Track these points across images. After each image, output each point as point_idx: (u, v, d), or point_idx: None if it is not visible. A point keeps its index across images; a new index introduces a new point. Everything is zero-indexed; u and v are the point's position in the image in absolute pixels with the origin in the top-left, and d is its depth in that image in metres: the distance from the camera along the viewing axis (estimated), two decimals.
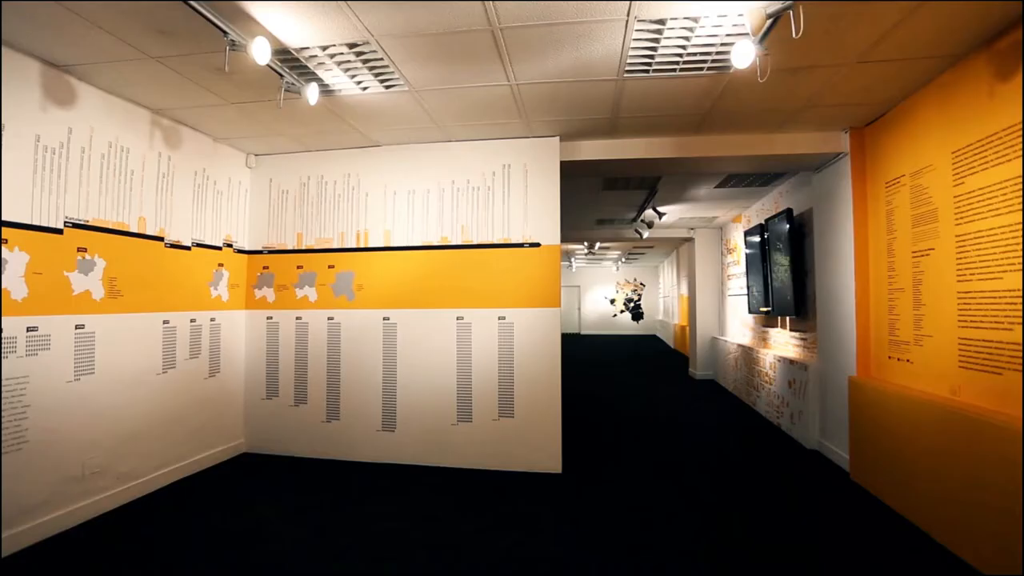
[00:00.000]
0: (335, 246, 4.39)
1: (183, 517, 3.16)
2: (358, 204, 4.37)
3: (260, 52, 2.46)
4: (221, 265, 4.25)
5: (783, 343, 5.94)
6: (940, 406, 2.85)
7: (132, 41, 2.63)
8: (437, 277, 4.22)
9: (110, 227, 3.28)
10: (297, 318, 4.41)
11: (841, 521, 3.11)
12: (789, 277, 5.21)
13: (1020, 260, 2.45)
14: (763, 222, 6.03)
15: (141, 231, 3.51)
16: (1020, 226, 2.45)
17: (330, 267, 4.38)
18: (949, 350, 2.96)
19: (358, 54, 2.81)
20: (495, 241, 4.15)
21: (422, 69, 2.97)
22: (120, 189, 3.36)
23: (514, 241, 4.12)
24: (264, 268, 4.50)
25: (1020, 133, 2.44)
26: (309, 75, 3.04)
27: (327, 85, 3.18)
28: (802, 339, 5.36)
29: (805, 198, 5.12)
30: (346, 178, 4.40)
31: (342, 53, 2.79)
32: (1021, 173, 2.44)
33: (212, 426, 4.12)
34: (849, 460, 3.85)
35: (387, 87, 3.21)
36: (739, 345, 7.07)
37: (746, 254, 6.73)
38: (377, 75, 3.06)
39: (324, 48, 2.74)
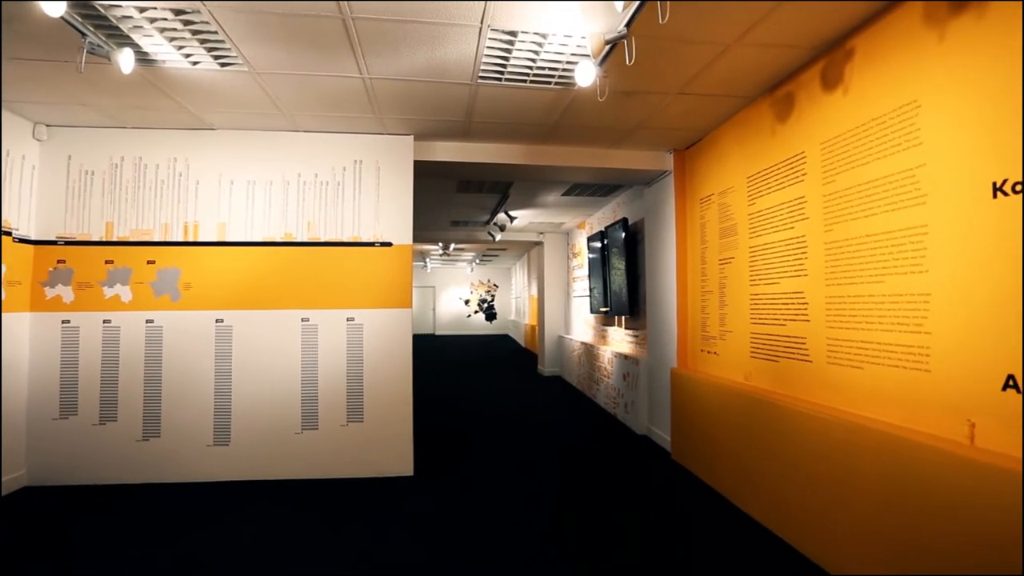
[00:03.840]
0: (157, 239, 3.85)
1: None
2: (187, 192, 3.89)
3: (50, 1, 2.07)
4: None
5: (619, 340, 6.57)
6: (735, 390, 3.38)
7: None
8: (280, 276, 3.92)
9: None
10: (105, 321, 3.77)
11: (661, 497, 3.53)
12: (624, 280, 5.77)
13: (791, 268, 3.01)
14: (603, 229, 6.61)
15: None
16: (792, 241, 3.01)
17: (150, 263, 3.83)
18: (744, 343, 3.52)
19: (186, 23, 2.50)
20: (344, 239, 3.98)
21: (265, 50, 2.75)
22: None
23: (365, 240, 3.99)
24: (59, 262, 3.78)
25: (791, 167, 3.01)
26: (122, 38, 2.63)
27: (146, 53, 2.78)
28: (635, 336, 5.98)
29: (639, 209, 5.72)
30: (172, 162, 3.88)
31: (165, 19, 2.47)
32: (791, 199, 3.00)
33: None
34: (671, 442, 4.39)
35: (223, 65, 2.91)
36: (582, 343, 7.64)
37: (589, 258, 7.32)
38: (210, 50, 2.75)
39: (141, 10, 2.40)
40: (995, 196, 1.87)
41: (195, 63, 2.89)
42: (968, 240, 1.97)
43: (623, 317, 6.28)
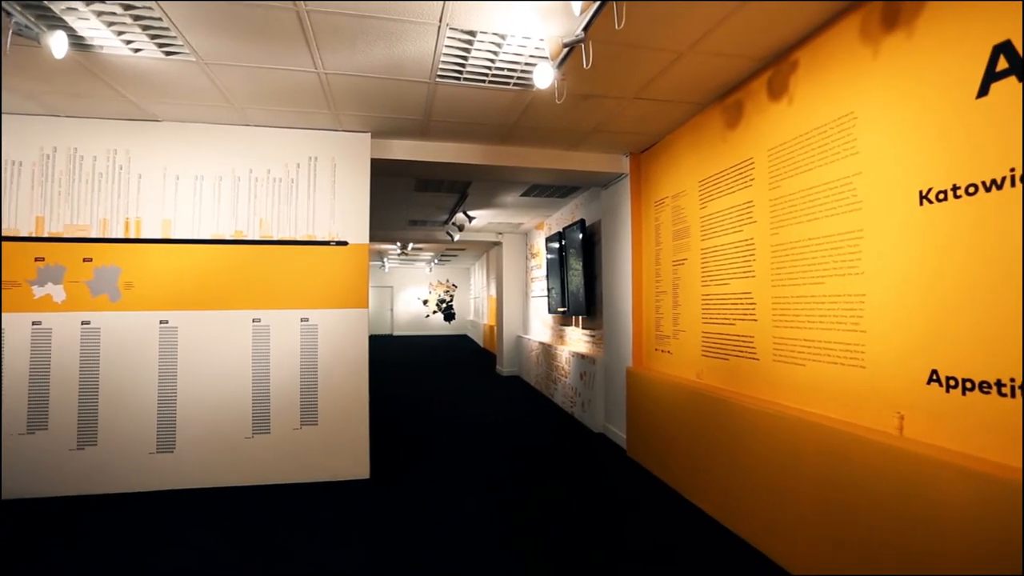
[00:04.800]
0: (94, 235, 3.63)
1: None
2: (128, 187, 3.69)
3: None
4: None
5: (577, 340, 6.65)
6: (687, 388, 3.49)
7: None
8: (230, 275, 3.77)
9: None
10: (34, 323, 3.53)
11: (616, 494, 3.60)
12: (582, 280, 5.85)
13: (740, 270, 3.13)
14: (561, 230, 6.68)
15: None
16: (741, 243, 3.13)
17: (86, 260, 3.61)
18: (696, 341, 3.64)
19: (127, 7, 2.38)
20: (298, 238, 3.87)
21: (213, 39, 2.64)
22: None
23: (320, 238, 3.90)
24: None
25: (740, 172, 3.13)
26: (53, 20, 2.47)
27: (81, 37, 2.62)
28: (592, 336, 6.07)
29: (596, 211, 5.81)
30: (111, 154, 3.67)
31: (103, 2, 2.34)
32: (740, 203, 3.13)
33: None
34: (626, 439, 4.48)
35: (168, 54, 2.78)
36: (540, 343, 7.70)
37: (547, 259, 7.38)
38: (153, 37, 2.62)
39: None
40: (921, 204, 2.00)
41: (137, 51, 2.75)
42: (898, 244, 2.10)
43: (580, 317, 6.37)
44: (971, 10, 1.84)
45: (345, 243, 3.93)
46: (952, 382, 1.89)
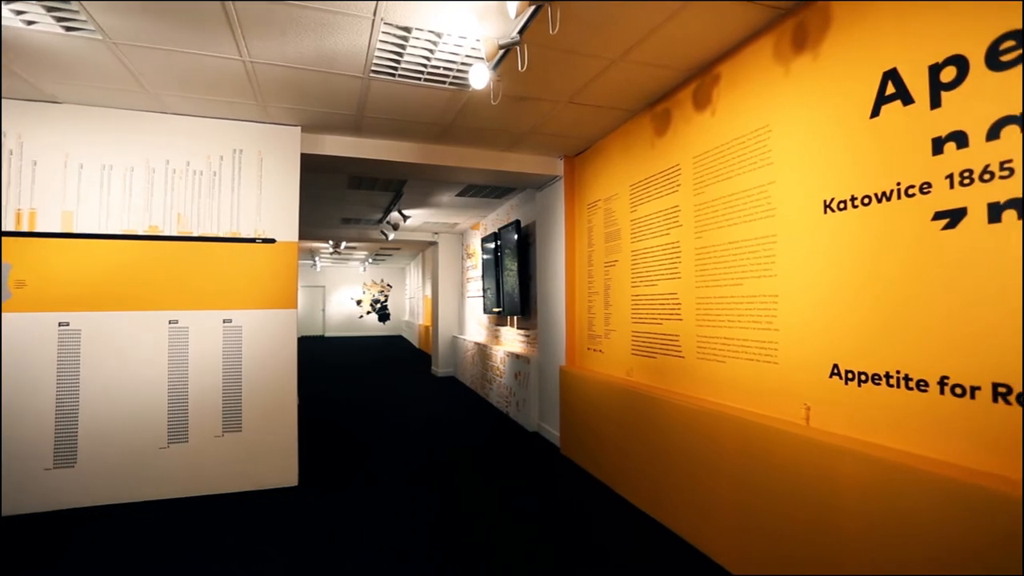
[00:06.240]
0: None
1: None
2: (21, 174, 3.34)
3: None
4: None
5: (512, 340, 6.71)
6: (618, 386, 3.61)
7: None
8: (143, 273, 3.50)
9: None
10: None
11: (550, 492, 3.67)
12: (517, 281, 5.91)
13: (667, 271, 3.28)
14: (497, 231, 6.71)
15: None
16: (668, 246, 3.28)
17: None
18: (626, 340, 3.77)
19: None
20: (221, 235, 3.66)
21: (124, 18, 2.45)
22: None
23: (244, 236, 3.70)
24: None
25: (667, 177, 3.28)
26: None
27: None
28: (527, 335, 6.14)
29: (531, 212, 5.89)
30: None
31: None
32: (667, 207, 3.28)
33: None
34: (560, 438, 4.57)
35: (68, 29, 2.54)
36: (476, 343, 7.70)
37: (483, 259, 7.39)
38: (51, 10, 2.39)
39: None
40: (825, 212, 2.18)
41: (30, 23, 2.49)
42: (806, 249, 2.28)
43: (515, 317, 6.43)
44: (866, 39, 2.03)
45: (272, 241, 3.76)
46: (850, 375, 2.08)
